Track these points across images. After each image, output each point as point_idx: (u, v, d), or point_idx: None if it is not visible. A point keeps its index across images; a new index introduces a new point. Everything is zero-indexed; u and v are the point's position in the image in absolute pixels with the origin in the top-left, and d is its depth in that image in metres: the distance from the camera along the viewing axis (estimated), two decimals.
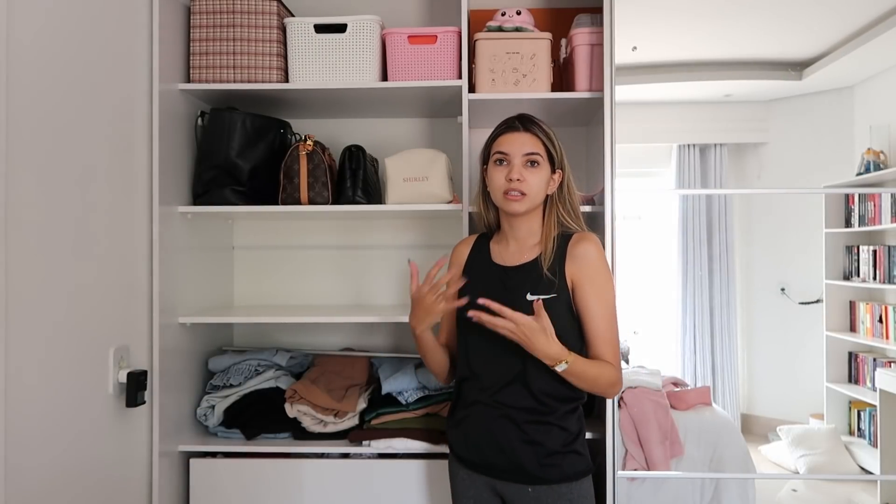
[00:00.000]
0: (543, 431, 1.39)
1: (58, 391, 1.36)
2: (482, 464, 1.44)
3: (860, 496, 2.69)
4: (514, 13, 1.85)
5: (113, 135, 1.57)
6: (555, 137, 1.44)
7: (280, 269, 2.23)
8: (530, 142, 1.41)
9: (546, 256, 1.41)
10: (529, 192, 1.40)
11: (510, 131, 1.43)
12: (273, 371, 1.94)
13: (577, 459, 1.41)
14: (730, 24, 2.90)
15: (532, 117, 1.46)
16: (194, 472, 1.83)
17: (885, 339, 3.06)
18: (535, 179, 1.40)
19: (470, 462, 1.47)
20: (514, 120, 1.45)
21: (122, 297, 1.60)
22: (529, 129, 1.42)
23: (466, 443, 1.46)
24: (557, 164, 1.44)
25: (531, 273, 1.42)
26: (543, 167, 1.41)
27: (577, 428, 1.44)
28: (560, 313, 1.37)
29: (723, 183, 3.63)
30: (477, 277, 1.49)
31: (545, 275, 1.40)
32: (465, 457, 1.48)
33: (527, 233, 1.47)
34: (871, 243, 3.18)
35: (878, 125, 3.14)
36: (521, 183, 1.39)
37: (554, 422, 1.40)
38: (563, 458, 1.39)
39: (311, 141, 1.85)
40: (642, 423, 2.45)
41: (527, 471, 1.39)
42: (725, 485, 2.49)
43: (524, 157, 1.40)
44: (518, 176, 1.39)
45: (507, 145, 1.42)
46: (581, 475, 1.41)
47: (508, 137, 1.43)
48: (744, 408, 3.60)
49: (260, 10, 1.84)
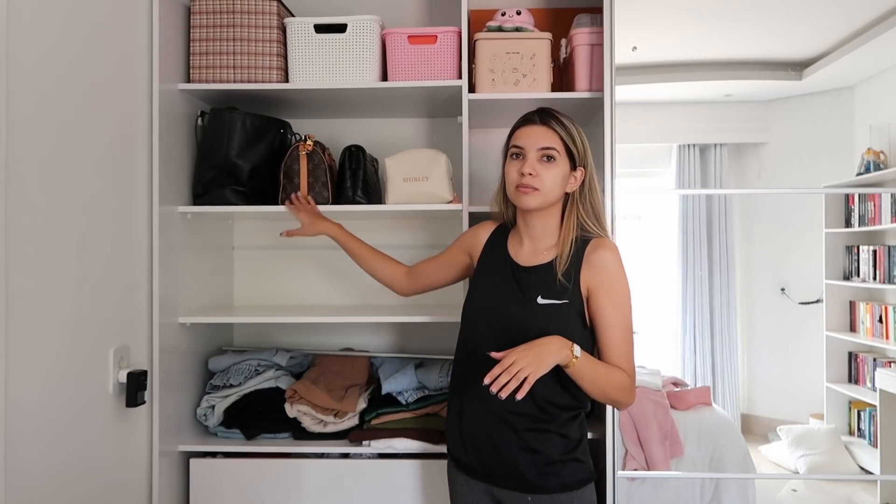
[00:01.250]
0: (543, 439, 1.35)
1: (58, 391, 1.36)
2: (480, 468, 1.41)
3: (860, 496, 2.69)
4: (514, 13, 1.85)
5: (113, 135, 1.57)
6: (577, 133, 1.38)
7: (280, 269, 2.23)
8: (546, 135, 1.35)
9: (562, 261, 1.36)
10: (542, 187, 1.34)
11: (527, 124, 1.38)
12: (273, 371, 1.94)
13: (577, 468, 1.37)
14: (730, 24, 2.90)
15: (553, 111, 1.40)
16: (194, 472, 1.83)
17: (885, 339, 3.06)
18: (549, 175, 1.34)
19: (468, 467, 1.43)
20: (533, 113, 1.40)
21: (122, 297, 1.60)
22: (547, 122, 1.37)
23: (464, 446, 1.43)
24: (579, 161, 1.38)
25: (544, 276, 1.37)
26: (560, 163, 1.35)
27: (577, 435, 1.39)
28: (570, 320, 1.33)
29: (723, 183, 3.63)
30: (491, 270, 1.45)
31: (559, 280, 1.34)
32: (463, 460, 1.44)
33: (542, 232, 1.41)
34: (871, 243, 3.18)
35: (878, 125, 3.14)
36: (534, 178, 1.33)
37: (554, 429, 1.36)
38: (563, 466, 1.36)
39: (311, 141, 1.85)
40: (642, 423, 2.45)
41: (526, 479, 1.35)
42: (725, 485, 2.49)
43: (539, 151, 1.35)
44: (530, 170, 1.33)
45: (523, 139, 1.37)
46: (582, 483, 1.37)
47: (525, 131, 1.38)
48: (744, 408, 3.60)
49: (260, 10, 1.84)
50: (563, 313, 1.32)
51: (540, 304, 1.34)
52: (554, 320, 1.33)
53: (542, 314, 1.34)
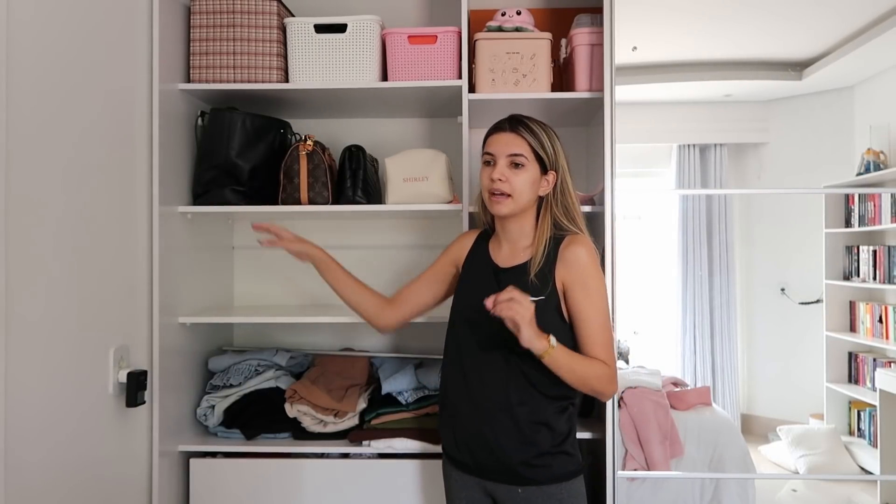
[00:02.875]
0: (533, 432, 1.39)
1: (58, 391, 1.36)
2: (473, 465, 1.44)
3: (860, 496, 2.69)
4: (514, 13, 1.85)
5: (113, 135, 1.57)
6: (546, 138, 1.42)
7: (280, 269, 2.23)
8: (514, 142, 1.40)
9: (536, 260, 1.41)
10: (513, 192, 1.39)
11: (497, 132, 1.44)
12: (273, 371, 1.94)
13: (567, 460, 1.41)
14: (730, 24, 2.90)
15: (523, 118, 1.44)
16: (194, 472, 1.83)
17: (885, 340, 3.06)
18: (518, 180, 1.39)
19: (461, 463, 1.47)
20: (504, 121, 1.45)
21: (122, 297, 1.60)
22: (515, 129, 1.41)
23: (456, 443, 1.47)
24: (550, 165, 1.43)
25: (522, 275, 1.42)
26: (529, 168, 1.40)
27: (566, 428, 1.43)
28: (548, 315, 1.37)
29: (723, 183, 3.63)
30: (475, 274, 1.51)
31: (532, 279, 1.40)
32: (455, 457, 1.48)
33: (518, 234, 1.47)
34: (871, 243, 3.18)
35: (878, 125, 3.14)
36: (503, 184, 1.39)
37: (543, 421, 1.39)
38: (552, 458, 1.39)
39: (311, 141, 1.85)
40: (642, 423, 2.45)
41: (516, 472, 1.39)
42: (725, 485, 2.49)
43: (507, 157, 1.40)
44: (500, 176, 1.39)
45: (493, 146, 1.43)
46: (572, 475, 1.41)
47: (495, 138, 1.43)
48: (744, 408, 3.60)
49: (260, 10, 1.84)
50: (541, 311, 1.33)
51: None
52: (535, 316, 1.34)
53: None
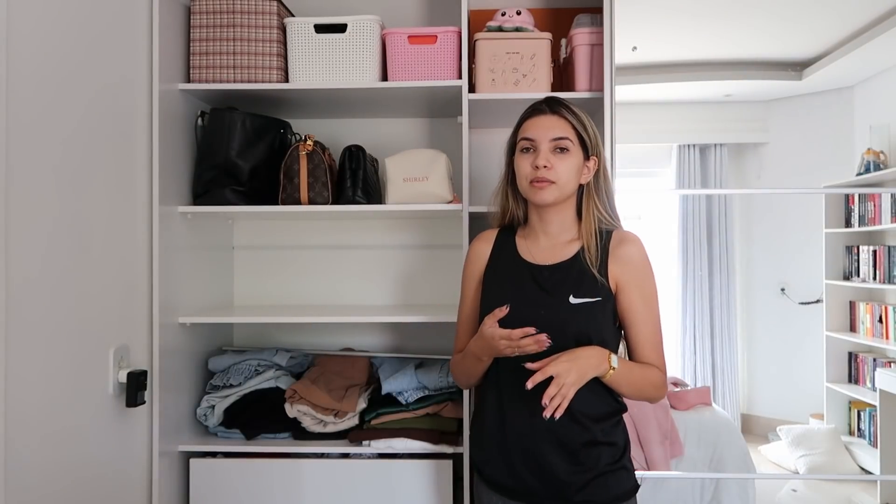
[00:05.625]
0: (590, 453, 1.25)
1: (58, 391, 1.36)
2: (521, 490, 1.29)
3: (860, 496, 2.69)
4: (514, 13, 1.85)
5: (113, 135, 1.57)
6: (588, 121, 1.31)
7: (280, 269, 2.23)
8: (558, 125, 1.28)
9: (591, 255, 1.28)
10: (559, 180, 1.26)
11: (536, 115, 1.30)
12: (273, 371, 1.94)
13: (625, 477, 1.29)
14: (730, 24, 2.91)
15: (561, 99, 1.32)
16: (194, 472, 1.83)
17: (885, 339, 3.06)
18: (564, 166, 1.26)
19: (504, 487, 1.31)
20: (541, 103, 1.32)
21: (122, 297, 1.60)
22: (557, 111, 1.29)
23: (505, 467, 1.30)
24: (592, 150, 1.31)
25: (570, 272, 1.29)
26: (574, 153, 1.28)
27: (623, 441, 1.31)
28: (603, 319, 1.27)
29: (723, 183, 3.63)
30: (506, 278, 1.35)
31: (593, 274, 1.27)
32: (499, 481, 1.31)
33: (559, 227, 1.33)
34: (871, 243, 3.18)
35: (878, 125, 3.14)
36: (549, 170, 1.25)
37: (601, 439, 1.26)
38: (611, 476, 1.27)
39: (311, 141, 1.85)
40: (642, 423, 2.45)
41: (572, 496, 1.25)
42: (725, 485, 2.49)
43: (552, 142, 1.27)
44: (545, 162, 1.25)
45: (533, 130, 1.29)
46: (628, 495, 1.28)
47: (535, 122, 1.30)
48: (744, 408, 3.60)
49: (260, 10, 1.84)
50: (597, 312, 1.25)
51: (573, 303, 1.26)
52: (590, 320, 1.26)
53: (577, 314, 1.26)
